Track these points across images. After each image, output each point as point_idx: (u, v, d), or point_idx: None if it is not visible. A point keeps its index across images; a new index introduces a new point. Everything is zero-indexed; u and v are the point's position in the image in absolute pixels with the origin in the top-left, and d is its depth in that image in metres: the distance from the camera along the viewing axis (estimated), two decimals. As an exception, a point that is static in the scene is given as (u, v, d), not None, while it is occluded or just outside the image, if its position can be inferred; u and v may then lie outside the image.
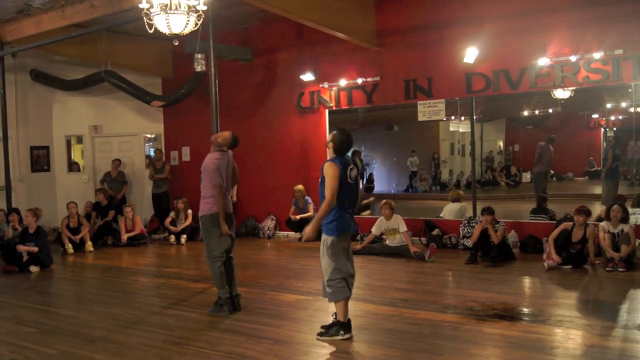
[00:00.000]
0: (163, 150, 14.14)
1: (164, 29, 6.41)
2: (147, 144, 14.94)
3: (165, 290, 7.87)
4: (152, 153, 14.67)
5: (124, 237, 11.68)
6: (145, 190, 14.11)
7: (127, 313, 6.58)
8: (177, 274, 8.95)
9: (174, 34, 6.51)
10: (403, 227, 9.55)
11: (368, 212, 12.44)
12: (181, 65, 13.21)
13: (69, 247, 10.94)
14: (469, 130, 11.08)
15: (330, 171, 5.22)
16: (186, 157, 14.08)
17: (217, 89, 8.31)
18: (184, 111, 13.50)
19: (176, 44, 7.35)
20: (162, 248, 11.61)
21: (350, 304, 6.44)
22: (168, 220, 12.26)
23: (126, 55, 12.62)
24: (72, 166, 14.58)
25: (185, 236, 11.94)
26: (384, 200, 9.87)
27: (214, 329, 5.81)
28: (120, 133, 14.23)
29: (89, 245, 11.22)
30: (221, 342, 5.34)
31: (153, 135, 14.76)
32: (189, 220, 12.17)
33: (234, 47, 12.36)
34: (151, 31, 6.47)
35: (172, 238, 11.91)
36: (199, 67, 11.47)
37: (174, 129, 14.21)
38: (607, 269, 7.93)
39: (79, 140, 14.69)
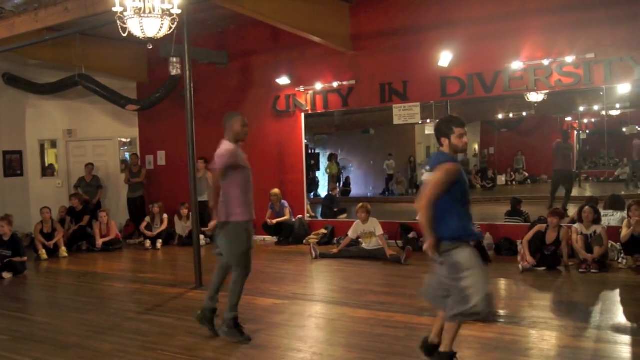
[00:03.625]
0: (139, 154, 14.03)
1: (138, 33, 6.36)
2: (122, 148, 14.81)
3: (140, 295, 7.81)
4: (127, 157, 14.56)
5: (99, 242, 11.57)
6: (120, 195, 14.00)
7: (102, 319, 6.51)
8: (152, 279, 8.88)
9: (148, 37, 6.46)
10: (379, 231, 9.58)
11: (345, 215, 12.46)
12: (156, 69, 13.13)
13: (43, 253, 10.81)
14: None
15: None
16: (162, 161, 13.98)
17: (192, 93, 8.26)
18: (160, 115, 13.41)
19: (150, 47, 7.26)
20: (138, 253, 11.51)
21: (326, 307, 6.50)
22: (143, 225, 12.16)
23: (101, 59, 12.49)
24: (46, 171, 14.40)
25: (161, 241, 11.85)
26: (360, 204, 9.89)
27: (190, 334, 5.77)
28: (95, 137, 14.10)
29: (63, 251, 11.09)
30: (197, 348, 5.32)
31: (128, 140, 14.64)
32: (165, 225, 12.10)
33: (209, 50, 12.32)
34: (125, 35, 6.42)
35: (148, 243, 11.81)
36: (174, 71, 11.39)
37: (150, 133, 14.11)
38: (581, 270, 8.02)
39: (53, 144, 14.51)
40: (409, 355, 4.93)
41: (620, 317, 6.00)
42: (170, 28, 6.64)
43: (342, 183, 18.15)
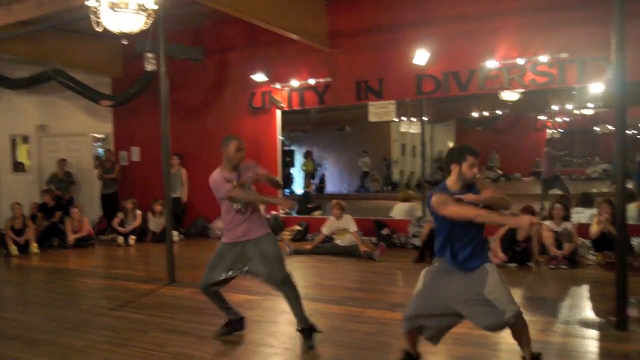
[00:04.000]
0: (112, 150, 13.92)
1: (112, 28, 6.31)
2: (95, 144, 14.67)
3: (112, 291, 7.76)
4: (101, 153, 14.43)
5: (71, 238, 11.46)
6: (93, 191, 13.87)
7: (73, 315, 6.45)
8: (125, 275, 8.83)
9: (123, 33, 6.41)
10: (353, 227, 9.61)
11: (319, 212, 12.48)
12: (132, 64, 13.02)
13: (14, 249, 10.69)
14: (420, 131, 11.23)
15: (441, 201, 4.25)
16: (136, 157, 13.89)
17: (168, 89, 8.21)
18: (134, 111, 13.31)
19: (125, 43, 7.22)
20: (110, 249, 11.43)
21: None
22: (116, 221, 12.07)
23: (75, 54, 12.35)
24: (17, 166, 14.22)
25: (134, 237, 11.79)
26: (335, 201, 9.93)
27: (161, 330, 5.74)
28: (68, 133, 13.96)
29: (34, 247, 10.97)
30: (168, 344, 5.29)
31: (102, 136, 14.50)
32: (138, 221, 12.03)
33: (185, 46, 12.26)
34: (99, 30, 6.36)
35: (121, 239, 11.73)
36: (150, 67, 11.33)
37: (124, 129, 14.01)
38: (551, 266, 8.15)
39: (25, 140, 14.34)
40: (381, 350, 4.97)
41: (588, 312, 6.09)
42: (146, 23, 6.59)
43: (317, 180, 18.19)
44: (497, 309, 4.03)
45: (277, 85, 11.73)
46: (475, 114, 14.43)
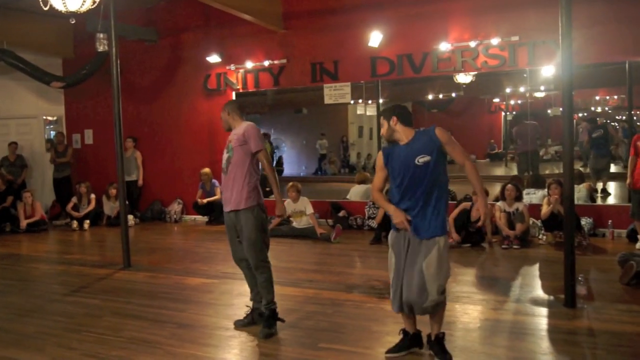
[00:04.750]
0: (65, 133, 13.65)
1: (59, 7, 6.16)
2: (47, 127, 14.36)
3: (66, 277, 7.65)
4: (53, 136, 14.14)
5: (23, 223, 11.24)
6: (46, 175, 13.61)
7: (25, 301, 6.35)
8: (79, 260, 8.71)
9: (71, 12, 6.27)
10: (309, 210, 9.65)
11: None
12: (83, 44, 12.75)
13: (-37, 235, 10.46)
14: (376, 113, 11.29)
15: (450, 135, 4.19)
16: (89, 140, 13.65)
17: (119, 70, 8.06)
18: (87, 92, 13.06)
19: (73, 22, 7.05)
20: (64, 234, 11.25)
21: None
22: (70, 205, 11.87)
23: (23, 34, 12.02)
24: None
25: (88, 221, 11.60)
26: (291, 183, 9.93)
27: (116, 315, 5.70)
28: (19, 115, 13.61)
29: (-15, 233, 10.74)
30: (123, 328, 5.26)
31: (54, 118, 14.20)
32: (92, 205, 11.85)
33: (137, 27, 12.06)
34: (46, 8, 6.21)
35: (75, 224, 11.55)
36: (101, 47, 11.11)
37: (76, 111, 13.75)
38: (503, 246, 8.32)
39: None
40: (336, 330, 5.02)
41: (538, 290, 6.24)
42: (94, 2, 6.46)
43: (274, 162, 18.14)
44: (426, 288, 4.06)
45: (232, 67, 11.63)
46: (430, 97, 14.56)
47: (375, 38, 10.12)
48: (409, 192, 4.12)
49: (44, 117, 14.05)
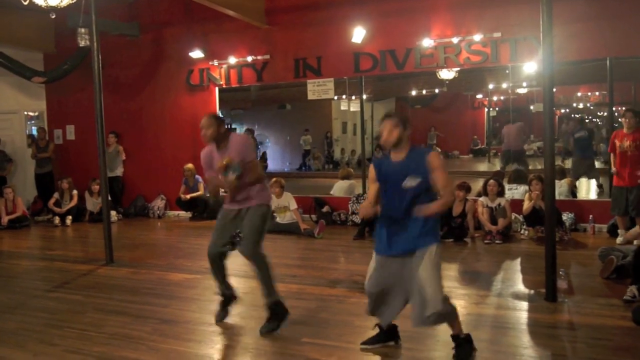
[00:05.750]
0: (46, 128, 13.53)
1: (39, 1, 6.11)
2: (29, 122, 14.24)
3: (48, 273, 7.60)
4: (34, 131, 14.02)
5: (4, 219, 11.13)
6: (27, 171, 13.49)
7: (6, 298, 6.30)
8: (61, 256, 8.64)
9: (51, 6, 6.21)
10: (293, 205, 9.65)
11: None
12: (64, 39, 12.65)
13: (-56, 231, 10.35)
14: (360, 109, 11.31)
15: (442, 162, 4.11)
16: (71, 135, 13.55)
17: (101, 65, 8.00)
18: (68, 88, 12.96)
19: (53, 17, 6.99)
20: (46, 230, 11.17)
21: (239, 280, 6.50)
22: (52, 201, 11.79)
23: (3, 28, 11.88)
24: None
25: (70, 217, 11.53)
26: (274, 179, 9.91)
27: (98, 311, 5.67)
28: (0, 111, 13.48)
29: (-34, 229, 10.64)
30: (105, 324, 5.23)
31: (35, 113, 14.08)
32: (75, 201, 11.77)
33: (119, 22, 11.98)
34: (26, 3, 6.15)
35: (57, 220, 11.47)
36: (83, 42, 11.02)
37: (58, 107, 13.63)
38: (486, 241, 8.38)
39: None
40: (319, 325, 5.03)
41: (520, 285, 6.29)
42: (75, -3, 6.41)
43: (258, 158, 18.11)
44: None
45: (215, 62, 11.59)
46: (414, 93, 14.61)
47: (358, 34, 10.13)
48: (395, 205, 4.08)
49: (25, 113, 13.93)
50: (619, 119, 9.29)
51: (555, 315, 5.16)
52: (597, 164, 11.62)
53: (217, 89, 11.75)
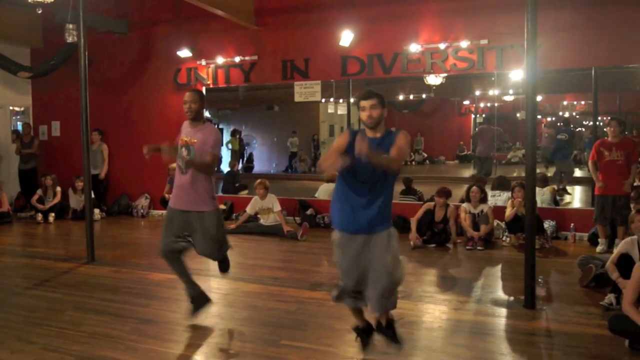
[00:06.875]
0: (31, 124, 13.44)
1: (25, -4, 6.09)
2: (14, 117, 14.14)
3: (28, 270, 7.56)
4: (19, 127, 13.92)
5: (-12, 215, 11.07)
6: (11, 167, 13.37)
7: (-15, 294, 6.29)
8: (43, 253, 8.60)
9: (37, 1, 6.19)
10: (277, 207, 9.65)
11: (246, 191, 12.44)
12: (52, 35, 12.56)
13: None
14: (347, 112, 11.35)
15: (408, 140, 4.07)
16: (56, 131, 13.46)
17: (88, 62, 7.97)
18: (55, 83, 12.87)
19: (40, 12, 6.96)
20: (29, 227, 11.09)
21: (220, 282, 6.53)
22: (35, 197, 11.70)
23: (-10, 22, 11.83)
24: None
25: (53, 214, 11.46)
26: (259, 180, 9.92)
27: (78, 309, 5.66)
28: (-16, 105, 13.39)
29: (-53, 224, 10.55)
30: (84, 323, 5.22)
31: (21, 109, 13.99)
32: (58, 198, 11.69)
33: (108, 18, 11.92)
34: (13, -2, 6.12)
35: (40, 216, 11.39)
36: (70, 38, 10.94)
37: (44, 102, 13.54)
38: (467, 247, 8.42)
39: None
40: (299, 328, 5.05)
41: (499, 291, 6.34)
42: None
43: (245, 159, 18.12)
44: None
45: (203, 62, 11.57)
46: (401, 97, 14.66)
47: (346, 37, 10.16)
48: (364, 180, 4.02)
49: (11, 108, 13.83)
50: (604, 129, 9.39)
51: (533, 323, 5.20)
52: (581, 173, 11.76)
53: (204, 88, 11.72)
